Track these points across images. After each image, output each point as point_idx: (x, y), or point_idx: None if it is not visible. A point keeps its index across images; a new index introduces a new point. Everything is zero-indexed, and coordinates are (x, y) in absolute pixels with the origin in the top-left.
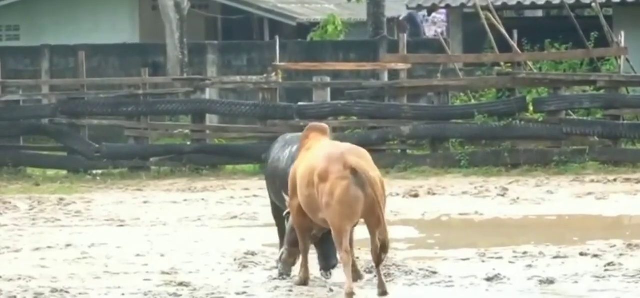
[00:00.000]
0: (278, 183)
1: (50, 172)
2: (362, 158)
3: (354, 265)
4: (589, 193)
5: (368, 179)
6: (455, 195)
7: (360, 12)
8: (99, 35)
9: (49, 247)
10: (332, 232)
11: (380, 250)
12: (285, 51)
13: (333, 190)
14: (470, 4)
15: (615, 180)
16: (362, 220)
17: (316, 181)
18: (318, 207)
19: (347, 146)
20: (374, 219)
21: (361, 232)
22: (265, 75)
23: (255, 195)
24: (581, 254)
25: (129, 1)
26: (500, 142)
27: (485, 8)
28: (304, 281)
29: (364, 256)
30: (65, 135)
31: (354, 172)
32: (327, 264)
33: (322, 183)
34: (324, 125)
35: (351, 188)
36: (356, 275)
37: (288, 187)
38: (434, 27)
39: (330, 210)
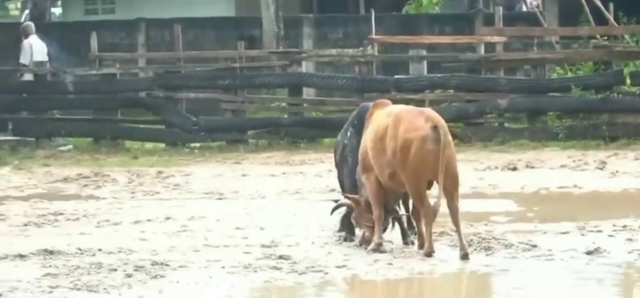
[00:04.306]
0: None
1: (148, 145)
2: (443, 123)
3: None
4: None
5: (445, 139)
6: (554, 169)
7: None
8: (195, 9)
9: (148, 220)
10: (409, 189)
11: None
12: (380, 24)
13: (409, 142)
14: None
15: None
16: None
17: (390, 133)
18: (387, 162)
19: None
20: (449, 181)
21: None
22: (361, 49)
23: None
24: None
25: None
26: (598, 115)
27: None
28: (378, 247)
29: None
30: (163, 108)
31: (435, 127)
32: (405, 241)
33: (397, 133)
34: (386, 100)
35: (428, 141)
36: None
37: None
38: None
39: (404, 165)
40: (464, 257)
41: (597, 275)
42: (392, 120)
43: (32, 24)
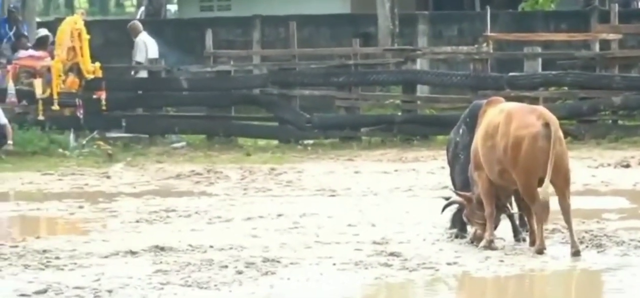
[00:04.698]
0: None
1: (261, 142)
2: (554, 120)
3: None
4: None
5: (557, 136)
6: None
7: None
8: (310, 6)
9: (260, 217)
10: (520, 187)
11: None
12: (495, 21)
13: (520, 139)
14: None
15: None
16: None
17: (502, 130)
18: (497, 159)
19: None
20: (561, 178)
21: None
22: (476, 46)
23: None
24: None
25: None
26: None
27: None
28: (489, 244)
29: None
30: (276, 105)
31: (546, 125)
32: (516, 238)
33: (508, 131)
34: (499, 97)
35: (540, 138)
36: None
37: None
38: None
39: (515, 162)
40: (575, 253)
41: None
42: (503, 117)
43: (138, 22)
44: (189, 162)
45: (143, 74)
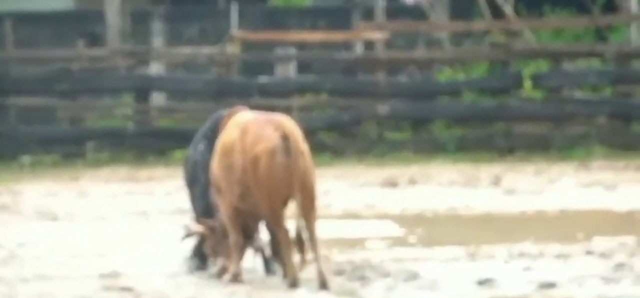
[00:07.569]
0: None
1: None
2: (295, 130)
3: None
4: (596, 183)
5: (298, 149)
6: (441, 185)
7: None
8: (29, 3)
9: None
10: (263, 209)
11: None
12: (243, 18)
13: (257, 156)
14: None
15: (625, 167)
16: None
17: (238, 146)
18: (237, 180)
19: (278, 114)
20: (306, 198)
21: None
22: (220, 46)
23: None
24: (587, 253)
25: None
26: (493, 123)
27: None
28: (236, 277)
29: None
30: None
31: (285, 137)
32: (268, 270)
33: (245, 147)
34: (244, 107)
35: (278, 153)
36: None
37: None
38: None
39: (255, 182)
40: (322, 285)
41: None
42: (239, 132)
43: None
44: None
45: None
